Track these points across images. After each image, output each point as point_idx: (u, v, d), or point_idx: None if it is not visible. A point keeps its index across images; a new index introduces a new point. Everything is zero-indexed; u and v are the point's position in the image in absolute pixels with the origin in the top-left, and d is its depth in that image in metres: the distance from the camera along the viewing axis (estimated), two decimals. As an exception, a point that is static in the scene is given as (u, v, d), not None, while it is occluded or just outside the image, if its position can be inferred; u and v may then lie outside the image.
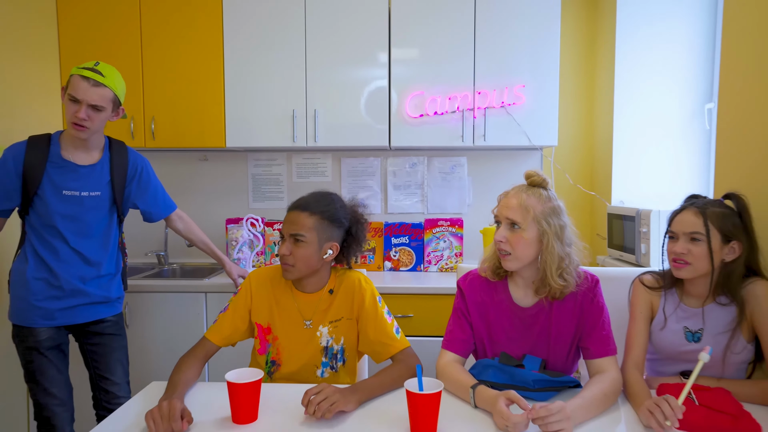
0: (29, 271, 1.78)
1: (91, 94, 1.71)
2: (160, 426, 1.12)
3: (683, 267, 1.35)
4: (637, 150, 2.58)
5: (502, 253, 1.35)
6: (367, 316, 1.49)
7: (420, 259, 2.77)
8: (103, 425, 1.19)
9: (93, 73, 1.72)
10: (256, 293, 1.52)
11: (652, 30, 2.53)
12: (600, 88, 2.77)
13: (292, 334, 1.50)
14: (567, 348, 1.38)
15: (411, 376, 1.37)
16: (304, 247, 1.44)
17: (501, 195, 1.41)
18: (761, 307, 1.31)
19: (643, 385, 1.30)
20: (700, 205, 1.35)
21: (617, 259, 2.45)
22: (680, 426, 1.14)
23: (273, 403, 1.28)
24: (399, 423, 1.18)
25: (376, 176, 2.94)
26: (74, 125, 1.73)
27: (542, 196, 1.36)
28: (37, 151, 1.77)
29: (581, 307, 1.37)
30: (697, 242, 1.33)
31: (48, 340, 1.81)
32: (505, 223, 1.35)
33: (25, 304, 1.79)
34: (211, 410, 1.25)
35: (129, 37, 2.62)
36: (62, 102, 1.79)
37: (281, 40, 2.58)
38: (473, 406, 1.26)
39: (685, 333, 1.40)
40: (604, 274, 1.73)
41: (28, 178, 1.75)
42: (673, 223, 1.38)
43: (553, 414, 1.10)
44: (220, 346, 1.50)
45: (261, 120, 2.61)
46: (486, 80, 2.53)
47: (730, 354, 1.34)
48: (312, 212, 1.46)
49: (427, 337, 2.35)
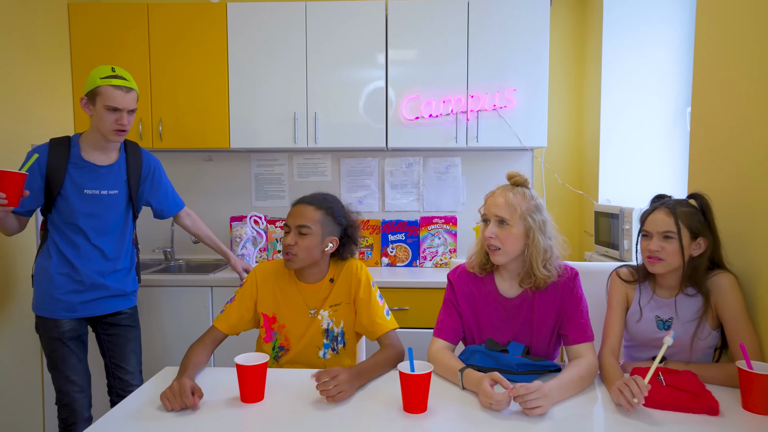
0: (52, 266, 1.89)
1: (128, 101, 1.84)
2: (174, 403, 1.24)
3: (657, 263, 1.46)
4: (623, 151, 2.70)
5: (492, 249, 1.46)
6: (361, 298, 1.61)
7: (415, 255, 2.89)
8: (120, 407, 1.29)
9: (121, 80, 1.83)
10: (262, 285, 1.64)
11: (637, 36, 2.64)
12: (587, 92, 2.89)
13: (297, 322, 1.61)
14: (548, 335, 1.50)
15: (400, 359, 1.51)
16: (309, 238, 1.55)
17: (487, 195, 1.51)
18: (724, 297, 1.43)
19: (617, 370, 1.41)
20: (671, 206, 1.46)
21: (603, 255, 2.56)
22: (646, 404, 1.26)
23: (277, 385, 1.40)
24: (393, 402, 1.30)
25: (373, 176, 3.05)
26: (117, 132, 1.85)
27: (525, 194, 1.47)
28: (59, 153, 1.86)
29: (561, 297, 1.48)
30: (669, 240, 1.44)
31: (70, 331, 1.92)
32: (494, 220, 1.45)
33: (49, 298, 1.90)
34: (221, 391, 1.37)
35: (138, 42, 2.73)
36: (86, 111, 1.87)
37: (283, 45, 2.69)
38: (461, 388, 1.38)
39: (657, 322, 1.52)
40: (587, 268, 1.86)
41: (51, 179, 1.85)
42: (647, 223, 1.49)
43: (531, 392, 1.22)
44: (227, 334, 1.61)
45: (263, 122, 2.72)
46: (479, 84, 2.65)
47: (697, 340, 1.46)
48: (318, 207, 1.58)
49: (422, 329, 2.46)
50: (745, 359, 1.26)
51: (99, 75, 1.82)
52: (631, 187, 2.69)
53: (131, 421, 1.21)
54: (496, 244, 1.44)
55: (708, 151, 1.73)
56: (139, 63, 2.73)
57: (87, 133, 1.92)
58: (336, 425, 1.19)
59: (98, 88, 1.81)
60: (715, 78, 1.68)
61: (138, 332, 2.11)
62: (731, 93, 1.58)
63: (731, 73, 1.59)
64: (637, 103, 2.67)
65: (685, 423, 1.19)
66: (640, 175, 2.68)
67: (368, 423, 1.20)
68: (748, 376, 1.24)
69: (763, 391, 1.22)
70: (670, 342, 1.27)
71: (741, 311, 1.42)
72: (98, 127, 1.86)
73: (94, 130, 1.89)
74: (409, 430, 1.18)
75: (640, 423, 1.19)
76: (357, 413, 1.25)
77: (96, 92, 1.82)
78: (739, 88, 1.54)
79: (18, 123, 2.42)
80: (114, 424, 1.21)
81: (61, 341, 1.91)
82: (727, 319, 1.43)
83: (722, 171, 1.64)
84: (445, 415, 1.24)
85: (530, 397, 1.21)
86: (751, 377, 1.23)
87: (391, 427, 1.18)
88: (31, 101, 2.51)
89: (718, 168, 1.66)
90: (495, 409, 1.24)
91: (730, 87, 1.59)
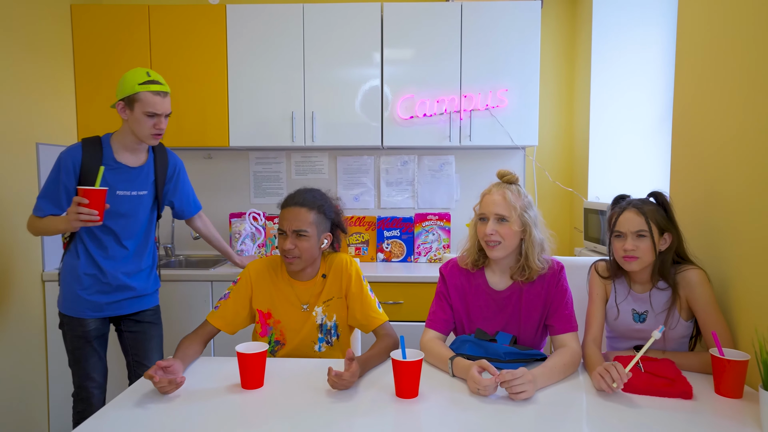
0: (81, 266, 1.91)
1: (166, 106, 1.89)
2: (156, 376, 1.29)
3: (633, 261, 1.52)
4: (612, 149, 2.77)
5: (492, 245, 1.51)
6: (353, 294, 1.67)
7: (410, 251, 2.96)
8: (121, 396, 1.36)
9: (158, 86, 1.87)
10: (256, 282, 1.67)
11: (625, 37, 2.71)
12: (578, 92, 2.96)
13: (292, 318, 1.67)
14: (535, 325, 1.58)
15: (397, 347, 1.57)
16: (307, 240, 1.59)
17: (483, 193, 1.56)
18: (695, 292, 1.51)
19: (599, 358, 1.48)
20: (638, 205, 1.53)
21: (593, 251, 2.63)
22: (625, 389, 1.34)
23: (276, 373, 1.47)
24: (386, 387, 1.37)
25: (369, 173, 3.12)
26: (155, 136, 1.89)
27: (518, 191, 1.54)
28: (93, 154, 1.87)
29: (548, 289, 1.56)
30: (642, 238, 1.50)
31: (95, 331, 1.96)
32: (493, 218, 1.50)
33: (76, 297, 1.93)
34: (222, 379, 1.44)
35: (139, 42, 2.78)
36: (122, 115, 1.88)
37: (281, 46, 2.75)
38: (451, 375, 1.45)
39: (633, 315, 1.60)
40: (575, 262, 1.93)
41: (85, 180, 1.85)
42: (619, 224, 1.54)
43: (517, 378, 1.29)
44: (221, 329, 1.63)
45: (262, 121, 2.78)
46: (472, 84, 2.72)
47: (667, 329, 1.54)
48: (310, 208, 1.60)
49: (417, 322, 2.53)
50: (717, 347, 1.33)
51: (136, 80, 1.84)
52: (620, 185, 2.76)
53: (132, 411, 1.27)
54: (497, 239, 1.50)
55: (688, 149, 1.79)
56: (140, 63, 2.78)
57: (118, 134, 1.92)
58: (332, 409, 1.26)
59: (137, 94, 1.83)
60: (696, 78, 1.74)
61: (160, 330, 2.13)
62: (712, 92, 1.65)
63: (711, 72, 1.65)
64: (626, 103, 2.74)
65: (661, 406, 1.26)
66: (628, 173, 2.75)
67: (363, 407, 1.27)
68: (720, 363, 1.31)
69: (734, 376, 1.30)
70: (657, 336, 1.32)
71: (712, 303, 1.50)
72: (135, 131, 1.87)
73: (128, 133, 1.90)
74: (402, 414, 1.24)
75: (619, 406, 1.27)
76: (352, 398, 1.32)
77: (135, 98, 1.83)
78: (719, 87, 1.61)
79: (22, 122, 2.47)
80: (118, 411, 1.27)
81: (86, 340, 1.94)
82: (699, 312, 1.51)
83: (702, 168, 1.70)
84: (436, 400, 1.30)
85: (516, 382, 1.28)
86: (723, 363, 1.31)
87: (385, 411, 1.25)
88: (35, 100, 2.56)
89: (698, 164, 1.73)
90: (482, 394, 1.31)
91: (710, 86, 1.66)
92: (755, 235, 1.42)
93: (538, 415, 1.23)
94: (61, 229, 1.83)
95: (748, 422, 1.18)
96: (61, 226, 1.81)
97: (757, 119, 1.41)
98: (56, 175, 1.86)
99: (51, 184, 1.87)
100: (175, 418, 1.22)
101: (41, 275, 2.60)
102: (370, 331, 1.67)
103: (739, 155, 1.50)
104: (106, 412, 1.25)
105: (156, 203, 2.05)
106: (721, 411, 1.24)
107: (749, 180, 1.45)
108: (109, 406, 1.28)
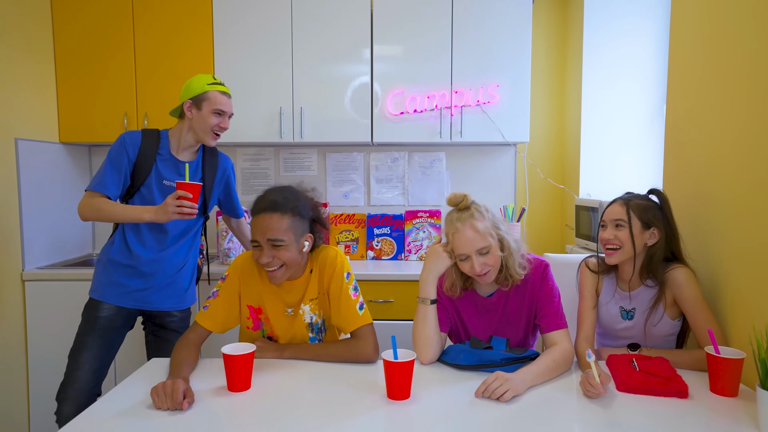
0: (116, 252, 1.90)
1: (231, 107, 1.95)
2: (163, 402, 1.22)
3: (613, 253, 1.55)
4: (604, 146, 2.76)
5: (483, 274, 1.46)
6: (332, 292, 1.56)
7: (401, 249, 2.93)
8: (106, 397, 1.31)
9: (225, 87, 1.94)
10: (243, 277, 1.59)
11: (617, 33, 2.70)
12: (569, 88, 2.94)
13: (279, 320, 1.60)
14: (524, 325, 1.57)
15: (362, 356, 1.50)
16: (285, 249, 1.44)
17: (448, 231, 1.47)
18: (682, 291, 1.51)
19: None
20: (625, 198, 1.57)
21: (584, 248, 2.62)
22: (620, 388, 1.32)
23: (264, 375, 1.43)
24: (377, 389, 1.34)
25: (359, 170, 3.08)
26: (216, 134, 1.92)
27: (479, 213, 1.47)
28: (151, 144, 1.89)
29: (533, 290, 1.54)
30: (621, 228, 1.53)
31: (104, 320, 1.88)
32: (475, 254, 1.44)
33: (104, 279, 1.90)
34: (208, 381, 1.40)
35: (122, 36, 2.72)
36: (188, 113, 1.88)
37: (268, 40, 2.70)
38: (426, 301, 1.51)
39: (621, 312, 1.61)
40: (566, 260, 1.91)
41: (139, 168, 1.87)
42: (604, 215, 1.59)
43: (489, 384, 1.28)
44: (212, 330, 1.55)
45: (249, 116, 2.73)
46: (462, 80, 2.69)
47: (650, 326, 1.55)
48: (283, 212, 1.45)
49: (407, 321, 2.50)
50: (713, 345, 1.32)
51: (205, 81, 1.90)
52: (611, 182, 2.76)
53: (118, 414, 1.23)
54: (486, 269, 1.46)
55: (681, 146, 1.78)
56: (123, 56, 2.72)
57: (175, 131, 1.95)
58: (321, 412, 1.22)
59: (207, 93, 1.88)
60: (689, 74, 1.73)
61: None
62: (705, 89, 1.64)
63: (705, 69, 1.64)
64: (617, 99, 2.73)
65: (657, 406, 1.25)
66: (619, 170, 2.75)
67: (353, 409, 1.24)
68: (716, 361, 1.30)
69: (730, 374, 1.28)
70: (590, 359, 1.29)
71: (700, 301, 1.50)
72: (199, 128, 1.90)
73: (188, 131, 1.92)
74: (393, 416, 1.21)
75: (614, 405, 1.25)
76: (341, 400, 1.28)
77: (204, 97, 1.88)
78: (713, 85, 1.60)
79: (1, 116, 2.40)
80: (101, 416, 1.22)
81: (92, 326, 1.87)
82: (688, 311, 1.51)
83: (695, 165, 1.69)
84: (428, 402, 1.28)
85: (492, 387, 1.27)
86: (719, 362, 1.29)
87: (375, 413, 1.22)
88: (14, 95, 2.49)
89: (691, 162, 1.72)
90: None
91: (704, 83, 1.65)
92: (752, 233, 1.41)
93: (531, 415, 1.21)
94: (144, 218, 1.79)
95: (744, 421, 1.17)
96: (145, 215, 1.78)
97: (753, 116, 1.40)
98: (119, 154, 1.85)
99: (115, 162, 1.85)
100: (158, 422, 1.18)
101: (21, 275, 2.53)
102: (348, 333, 1.58)
103: (733, 152, 1.49)
104: (85, 419, 1.20)
105: (203, 205, 1.98)
106: (716, 410, 1.23)
107: (744, 177, 1.44)
108: (89, 411, 1.24)
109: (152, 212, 1.76)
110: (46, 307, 2.54)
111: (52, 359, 2.53)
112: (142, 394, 1.31)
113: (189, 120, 1.91)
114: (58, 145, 2.79)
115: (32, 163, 2.58)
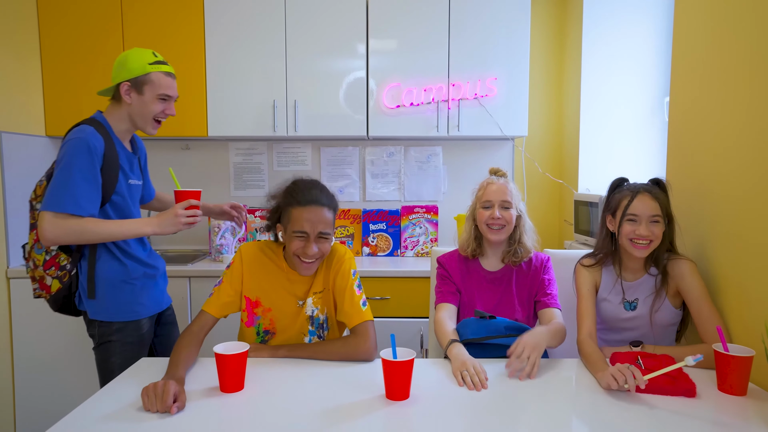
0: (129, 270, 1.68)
1: (176, 89, 1.71)
2: (152, 405, 1.18)
3: (647, 248, 1.51)
4: (602, 140, 2.73)
5: (496, 228, 1.64)
6: (338, 286, 1.58)
7: (397, 245, 2.88)
8: (96, 396, 1.26)
9: (169, 67, 1.68)
10: (248, 267, 1.57)
11: (616, 27, 2.67)
12: (568, 82, 2.90)
13: (285, 310, 1.58)
14: (525, 306, 1.68)
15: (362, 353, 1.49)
16: (328, 242, 1.52)
17: (486, 183, 1.71)
18: (686, 283, 1.51)
19: (599, 354, 1.43)
20: (649, 189, 1.54)
21: (583, 244, 2.59)
22: (627, 387, 1.29)
23: (257, 375, 1.38)
24: (375, 389, 1.29)
25: (354, 165, 3.03)
26: (158, 122, 1.69)
27: (513, 184, 1.71)
28: (109, 140, 1.61)
29: (534, 273, 1.70)
30: (657, 224, 1.51)
31: (148, 334, 1.74)
32: (498, 204, 1.65)
33: (129, 298, 1.68)
34: (200, 380, 1.35)
35: (111, 28, 2.65)
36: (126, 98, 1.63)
37: (262, 33, 2.64)
38: (444, 355, 1.52)
39: (624, 303, 1.60)
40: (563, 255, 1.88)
41: (107, 173, 1.60)
42: (632, 208, 1.52)
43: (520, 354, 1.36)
44: (218, 317, 1.54)
45: (242, 110, 2.67)
46: (460, 73, 2.64)
47: (654, 313, 1.54)
48: (330, 207, 1.53)
49: (404, 318, 2.47)
50: (721, 342, 1.28)
51: (145, 60, 1.63)
52: (610, 176, 2.69)
53: (104, 417, 1.18)
54: (502, 222, 1.64)
55: (685, 140, 1.75)
56: (112, 50, 2.65)
57: (113, 120, 1.67)
58: (317, 413, 1.18)
59: (149, 75, 1.63)
60: (693, 68, 1.69)
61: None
62: (709, 83, 1.60)
63: (709, 63, 1.60)
64: (616, 93, 2.70)
65: (664, 405, 1.21)
66: (618, 164, 2.71)
67: (350, 411, 1.19)
68: (725, 359, 1.26)
69: (739, 372, 1.25)
70: (691, 363, 1.23)
71: (705, 295, 1.49)
72: (139, 115, 1.65)
73: (126, 119, 1.67)
74: (392, 416, 1.17)
75: (620, 403, 1.21)
76: (338, 401, 1.24)
77: (145, 80, 1.62)
78: (717, 79, 1.56)
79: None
80: (89, 416, 1.17)
81: (142, 344, 1.71)
82: (692, 303, 1.51)
83: (698, 160, 1.66)
84: (428, 402, 1.23)
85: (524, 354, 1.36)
86: (728, 360, 1.25)
87: (374, 413, 1.18)
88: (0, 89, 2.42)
89: (694, 157, 1.68)
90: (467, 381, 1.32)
91: (707, 77, 1.61)
92: (758, 228, 1.37)
93: (534, 415, 1.17)
94: (145, 232, 1.59)
95: (753, 420, 1.13)
96: (146, 228, 1.58)
97: (757, 111, 1.36)
98: (90, 164, 1.54)
99: (87, 174, 1.54)
100: (147, 425, 1.12)
101: (6, 272, 2.46)
102: (350, 327, 1.57)
103: (738, 146, 1.45)
104: (73, 420, 1.15)
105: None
106: (725, 409, 1.19)
107: (749, 171, 1.40)
108: (75, 413, 1.18)
109: (155, 225, 1.58)
110: (31, 306, 2.47)
111: (37, 358, 2.48)
112: (131, 394, 1.26)
113: (127, 105, 1.64)
114: (45, 139, 2.72)
115: (17, 157, 2.51)
